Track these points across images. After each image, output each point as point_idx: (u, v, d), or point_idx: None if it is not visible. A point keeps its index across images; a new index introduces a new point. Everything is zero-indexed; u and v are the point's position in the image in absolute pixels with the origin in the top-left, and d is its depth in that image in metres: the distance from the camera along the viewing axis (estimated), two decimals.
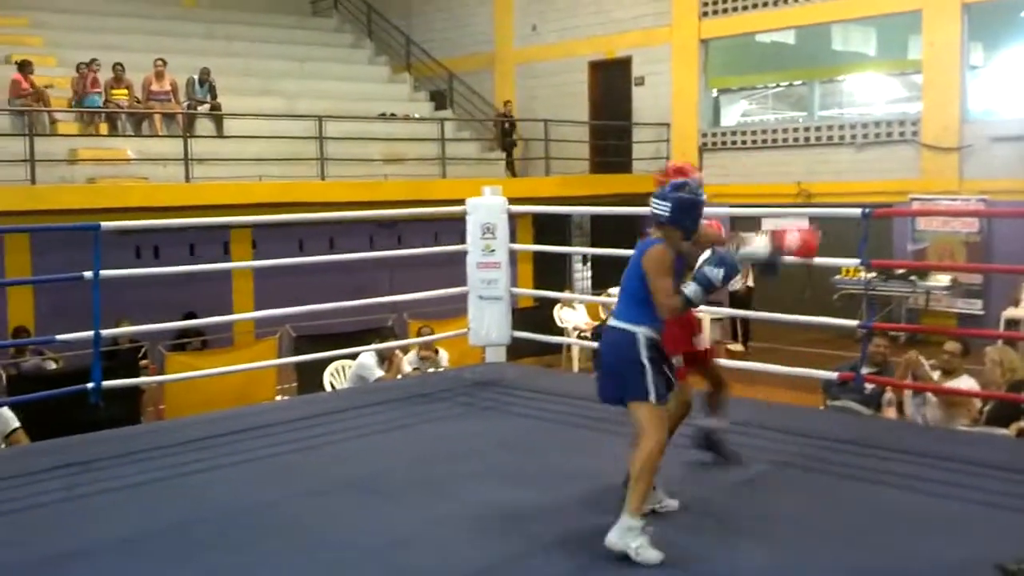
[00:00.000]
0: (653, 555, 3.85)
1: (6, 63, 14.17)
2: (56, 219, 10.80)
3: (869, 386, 6.85)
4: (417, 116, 17.35)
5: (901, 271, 14.20)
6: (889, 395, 7.21)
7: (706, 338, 5.14)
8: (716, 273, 4.01)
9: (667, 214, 4.08)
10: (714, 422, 5.03)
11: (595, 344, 4.35)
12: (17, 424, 6.34)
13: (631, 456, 3.97)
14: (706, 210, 4.19)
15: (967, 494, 4.72)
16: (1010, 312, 12.57)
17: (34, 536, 4.36)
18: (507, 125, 17.96)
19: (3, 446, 6.24)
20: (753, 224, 15.68)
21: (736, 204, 15.42)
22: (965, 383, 6.81)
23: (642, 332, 4.03)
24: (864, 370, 6.33)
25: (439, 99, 18.98)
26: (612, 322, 4.15)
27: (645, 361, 3.99)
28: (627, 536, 3.86)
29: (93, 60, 13.91)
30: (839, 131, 15.61)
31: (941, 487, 4.80)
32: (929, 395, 6.77)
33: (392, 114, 16.81)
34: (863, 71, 17.54)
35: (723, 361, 9.88)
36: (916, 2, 14.59)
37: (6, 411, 6.37)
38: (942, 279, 14.12)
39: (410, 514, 4.57)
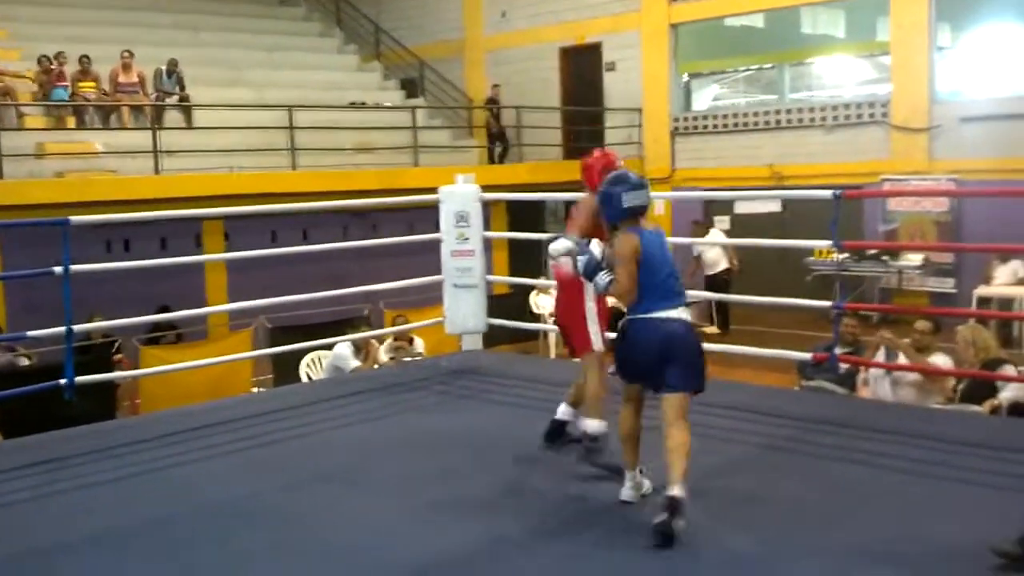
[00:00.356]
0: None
1: None
2: (25, 214, 10.67)
3: (844, 366, 6.91)
4: (388, 104, 17.27)
5: (873, 251, 14.32)
6: (863, 375, 7.27)
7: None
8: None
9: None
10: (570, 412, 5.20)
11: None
12: None
13: (676, 444, 4.09)
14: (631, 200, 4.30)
15: (944, 472, 4.77)
16: (982, 290, 12.68)
17: (10, 533, 4.33)
18: (495, 111, 17.74)
19: None
20: (728, 207, 15.82)
21: (709, 188, 15.51)
22: (939, 361, 6.87)
23: None
24: (838, 350, 6.37)
25: (410, 87, 18.89)
26: (680, 313, 4.24)
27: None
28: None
29: (59, 53, 13.74)
30: (810, 114, 15.68)
31: (918, 465, 4.84)
32: (903, 374, 6.83)
33: (363, 103, 16.71)
34: (832, 53, 17.61)
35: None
36: None
37: None
38: (914, 259, 14.23)
39: (389, 505, 4.56)
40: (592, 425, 4.81)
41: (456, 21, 19.85)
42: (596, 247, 4.38)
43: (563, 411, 5.18)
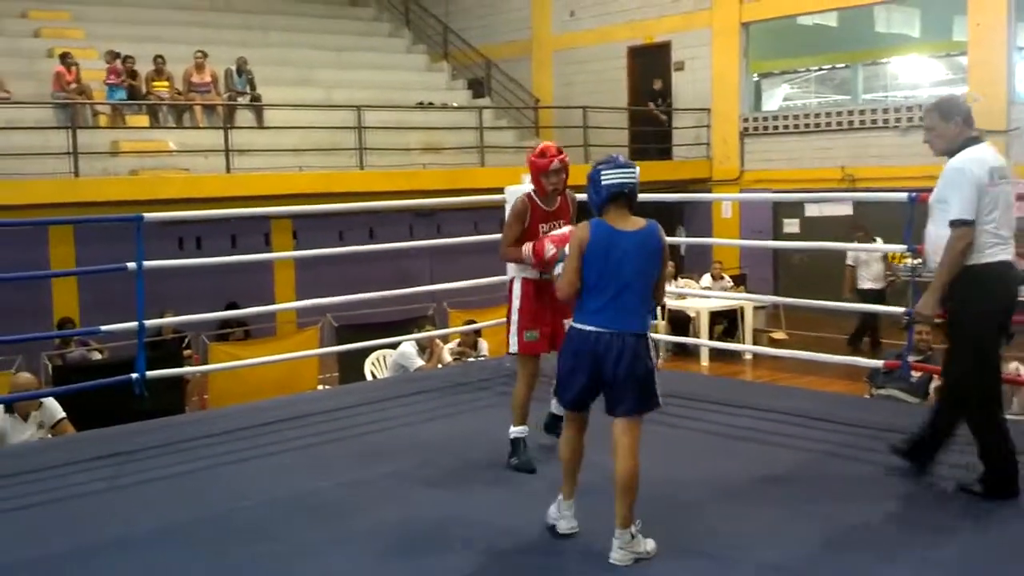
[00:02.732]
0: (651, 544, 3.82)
1: (49, 57, 14.32)
2: (99, 211, 10.90)
3: (915, 374, 6.76)
4: (455, 105, 17.33)
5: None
6: (936, 383, 7.10)
7: None
8: None
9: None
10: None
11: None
12: (63, 414, 6.41)
13: (625, 469, 3.76)
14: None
15: None
16: None
17: (79, 524, 4.41)
18: (661, 101, 17.33)
19: (50, 435, 6.32)
20: (797, 209, 15.59)
21: (779, 189, 15.30)
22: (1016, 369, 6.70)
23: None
24: (910, 358, 6.24)
25: (477, 87, 18.94)
26: (628, 326, 3.81)
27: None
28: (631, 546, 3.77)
29: (117, 54, 13.96)
30: (883, 115, 15.39)
31: None
32: None
33: (430, 103, 16.80)
34: (907, 53, 17.29)
35: (766, 350, 9.79)
36: None
37: (52, 401, 6.44)
38: None
39: (450, 502, 4.56)
40: (511, 429, 4.96)
41: (524, 21, 19.86)
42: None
43: (554, 404, 5.16)
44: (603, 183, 3.86)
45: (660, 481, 4.32)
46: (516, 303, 5.02)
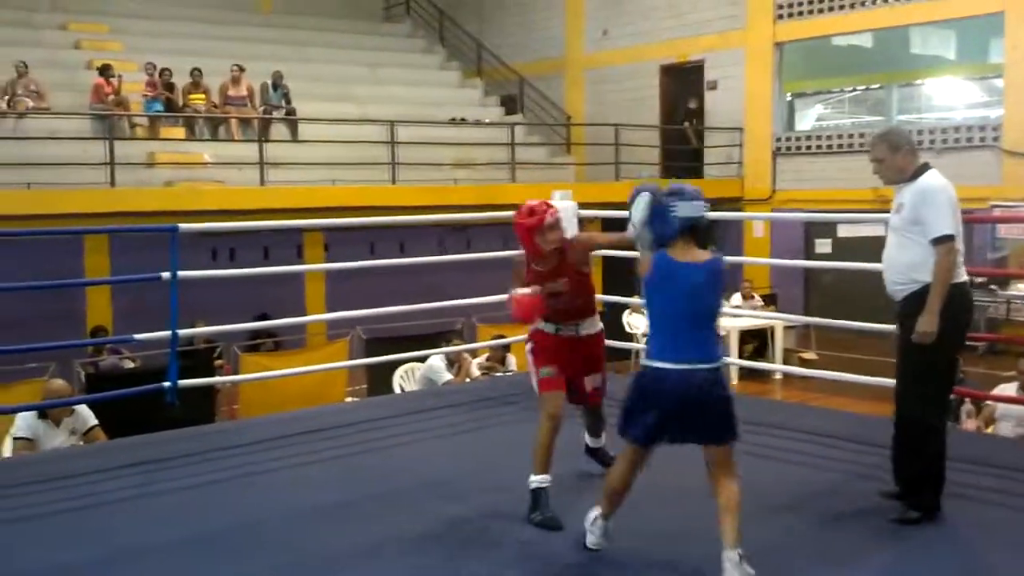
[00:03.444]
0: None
1: (87, 68, 14.53)
2: (134, 221, 11.04)
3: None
4: (487, 121, 17.39)
5: (981, 279, 13.86)
6: (968, 406, 7.05)
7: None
8: None
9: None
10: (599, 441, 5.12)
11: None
12: (95, 422, 6.48)
13: (733, 491, 3.74)
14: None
15: None
16: None
17: (108, 531, 4.46)
18: (695, 120, 17.30)
19: (82, 443, 6.38)
20: (828, 229, 15.50)
21: (811, 210, 15.22)
22: None
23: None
24: None
25: (509, 104, 19.01)
26: (700, 360, 3.75)
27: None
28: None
29: (150, 65, 14.14)
30: (917, 136, 15.27)
31: (1019, 500, 4.67)
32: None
33: (463, 119, 16.88)
34: (942, 75, 17.18)
35: (796, 370, 9.70)
36: (998, 4, 14.23)
37: (85, 409, 6.51)
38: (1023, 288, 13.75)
39: (476, 518, 4.57)
40: (532, 478, 4.48)
41: (557, 39, 19.93)
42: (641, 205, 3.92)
43: (589, 439, 5.14)
44: (674, 215, 3.77)
45: (687, 497, 4.31)
46: (529, 346, 4.82)
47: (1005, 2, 14.13)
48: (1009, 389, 6.95)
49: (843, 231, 15.30)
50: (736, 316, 13.56)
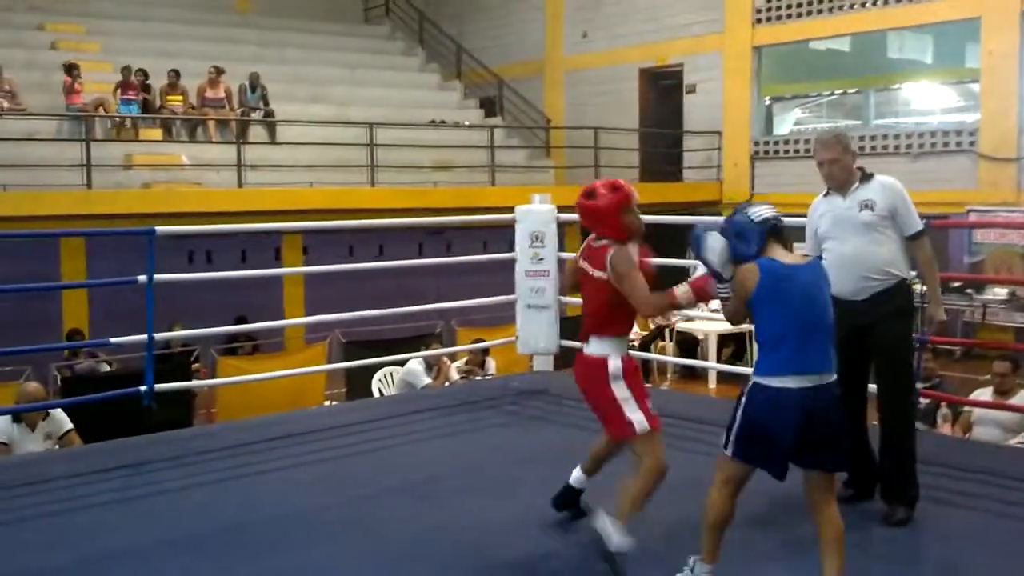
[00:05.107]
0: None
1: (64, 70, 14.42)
2: (111, 223, 10.96)
3: (924, 401, 6.74)
4: (467, 123, 17.38)
5: (957, 284, 13.97)
6: (944, 410, 7.09)
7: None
8: None
9: None
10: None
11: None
12: (71, 426, 6.43)
13: (840, 530, 3.51)
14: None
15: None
16: None
17: (85, 536, 4.42)
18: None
19: (57, 447, 6.33)
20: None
21: (788, 214, 15.25)
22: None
23: None
24: (918, 385, 6.21)
25: (489, 106, 19.01)
26: (827, 372, 3.49)
27: None
28: None
29: (130, 68, 14.04)
30: (895, 140, 15.39)
31: (1005, 507, 4.69)
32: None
33: (442, 121, 16.87)
34: (919, 80, 17.28)
35: None
36: (974, 9, 14.35)
37: (60, 413, 6.46)
38: (999, 292, 13.87)
39: (456, 521, 4.56)
40: (617, 538, 3.77)
41: (537, 42, 19.95)
42: (712, 245, 3.66)
43: (576, 477, 4.42)
44: (755, 221, 3.52)
45: (676, 504, 4.31)
46: (621, 379, 3.99)
47: (981, 8, 14.24)
48: (985, 393, 6.99)
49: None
50: (714, 320, 13.61)
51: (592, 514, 3.98)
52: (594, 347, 4.07)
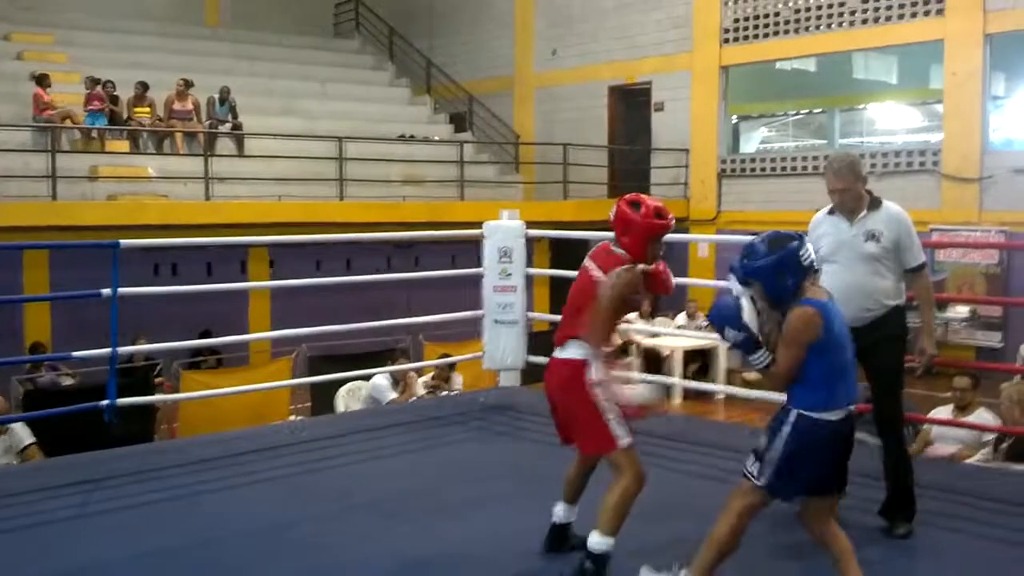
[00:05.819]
0: None
1: (31, 80, 14.29)
2: (76, 235, 10.87)
3: None
4: (436, 138, 17.41)
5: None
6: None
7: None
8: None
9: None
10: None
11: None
12: (32, 439, 6.37)
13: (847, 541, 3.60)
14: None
15: (981, 530, 4.67)
16: None
17: (47, 551, 4.38)
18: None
19: (17, 461, 6.25)
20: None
21: (754, 231, 15.38)
22: (984, 418, 6.75)
23: None
24: None
25: (458, 121, 19.05)
26: (855, 399, 3.62)
27: None
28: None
29: (96, 79, 13.93)
30: (838, 152, 15.53)
31: (964, 523, 4.75)
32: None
33: (412, 136, 16.88)
34: (884, 100, 17.51)
35: (739, 391, 9.80)
36: (938, 32, 14.55)
37: (21, 427, 6.40)
38: (961, 311, 14.02)
39: (424, 538, 4.55)
40: (600, 541, 3.82)
41: (507, 58, 20.02)
42: (747, 309, 3.59)
43: (560, 512, 4.26)
44: (804, 263, 3.51)
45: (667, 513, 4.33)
46: (599, 374, 3.89)
47: (944, 31, 14.45)
48: (945, 410, 7.07)
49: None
50: (680, 336, 13.68)
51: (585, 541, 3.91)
52: (572, 351, 3.95)
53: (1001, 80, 15.06)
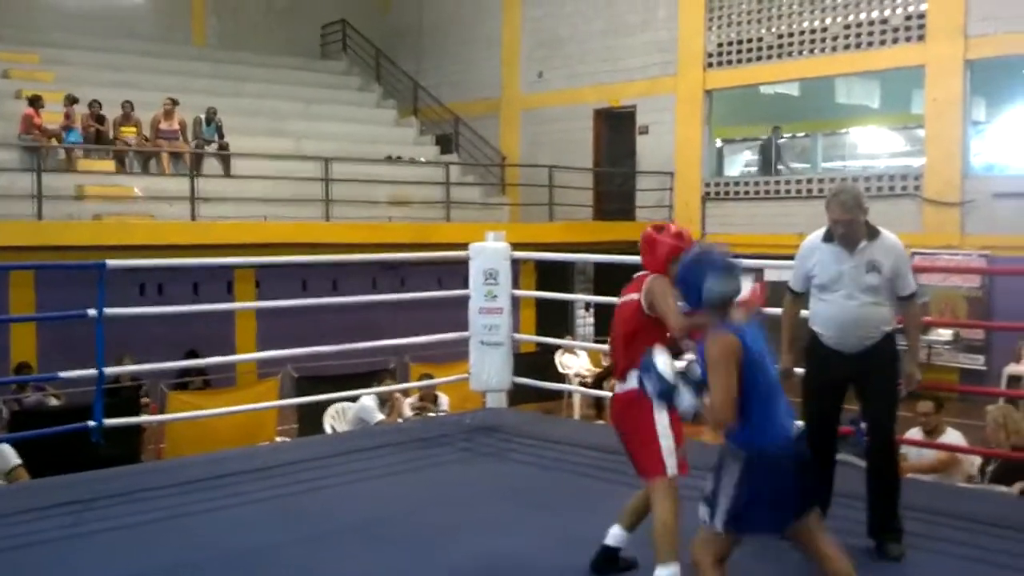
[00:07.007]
0: None
1: (16, 98, 14.30)
2: (62, 255, 10.86)
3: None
4: (423, 160, 17.47)
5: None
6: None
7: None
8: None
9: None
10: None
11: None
12: (18, 461, 6.33)
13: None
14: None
15: (967, 552, 4.71)
16: (1012, 368, 12.55)
17: (33, 573, 4.36)
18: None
19: (3, 483, 6.23)
20: (755, 275, 15.78)
21: (737, 255, 15.47)
22: (953, 438, 6.79)
23: None
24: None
25: (445, 143, 19.13)
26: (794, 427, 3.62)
27: None
28: None
29: (73, 97, 13.93)
30: (842, 184, 15.65)
31: (946, 545, 4.79)
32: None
33: (398, 157, 16.94)
34: (866, 124, 17.68)
35: None
36: (919, 57, 14.72)
37: (7, 448, 6.36)
38: (944, 334, 14.13)
39: (409, 560, 4.56)
40: (663, 571, 3.92)
41: (493, 80, 20.12)
42: (663, 360, 3.70)
43: (615, 535, 4.30)
44: (705, 296, 3.56)
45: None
46: (661, 417, 4.01)
47: (926, 56, 14.62)
48: (914, 432, 7.10)
49: (769, 275, 15.57)
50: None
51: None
52: (632, 381, 4.06)
53: (982, 105, 15.25)
